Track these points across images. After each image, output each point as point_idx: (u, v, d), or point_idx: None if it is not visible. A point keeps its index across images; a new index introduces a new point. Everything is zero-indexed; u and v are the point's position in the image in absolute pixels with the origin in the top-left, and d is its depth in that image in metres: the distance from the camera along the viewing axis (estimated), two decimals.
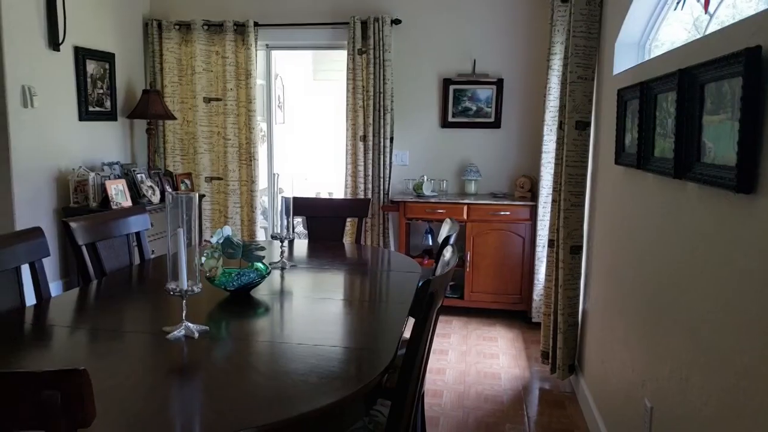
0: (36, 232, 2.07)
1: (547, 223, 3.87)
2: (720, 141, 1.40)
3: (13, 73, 3.65)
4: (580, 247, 3.02)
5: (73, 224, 2.27)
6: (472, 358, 3.58)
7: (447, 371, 3.39)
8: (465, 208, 4.28)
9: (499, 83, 4.51)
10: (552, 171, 3.81)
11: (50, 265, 3.96)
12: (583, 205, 3.02)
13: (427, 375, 3.26)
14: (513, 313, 4.37)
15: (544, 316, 3.39)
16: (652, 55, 2.50)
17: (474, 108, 4.58)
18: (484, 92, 4.55)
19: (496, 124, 4.57)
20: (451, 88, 4.58)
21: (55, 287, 4.00)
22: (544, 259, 3.98)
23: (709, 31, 1.79)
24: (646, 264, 2.05)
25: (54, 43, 3.95)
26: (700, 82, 1.53)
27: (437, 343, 3.80)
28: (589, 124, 2.95)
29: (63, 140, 4.11)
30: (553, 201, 3.23)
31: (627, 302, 2.27)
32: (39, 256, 2.04)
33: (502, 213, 4.23)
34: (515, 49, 4.49)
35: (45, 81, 3.91)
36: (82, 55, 4.20)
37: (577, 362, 3.15)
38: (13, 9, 3.64)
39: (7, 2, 3.57)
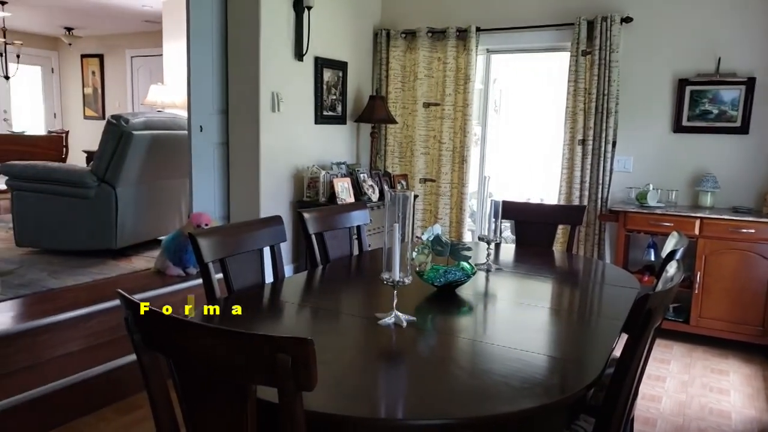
0: (277, 220, 2.37)
1: None
2: None
3: (266, 81, 4.23)
4: None
5: (306, 215, 2.55)
6: (694, 390, 3.20)
7: (663, 399, 3.08)
8: (697, 222, 3.83)
9: (749, 83, 3.95)
10: None
11: (284, 250, 4.50)
12: None
13: (639, 400, 2.99)
14: (752, 346, 3.80)
15: None
16: None
17: (715, 111, 4.08)
18: (729, 93, 4.03)
19: (742, 130, 4.01)
20: (688, 89, 4.14)
21: (287, 269, 4.54)
22: None
23: None
24: None
25: (299, 54, 4.47)
26: None
27: (653, 368, 3.47)
28: None
29: (301, 141, 4.64)
30: None
31: None
32: (278, 241, 2.34)
33: (745, 231, 3.70)
34: None
35: (289, 88, 4.45)
36: (320, 64, 4.69)
37: None
38: (270, 25, 4.21)
39: (266, 20, 4.15)
